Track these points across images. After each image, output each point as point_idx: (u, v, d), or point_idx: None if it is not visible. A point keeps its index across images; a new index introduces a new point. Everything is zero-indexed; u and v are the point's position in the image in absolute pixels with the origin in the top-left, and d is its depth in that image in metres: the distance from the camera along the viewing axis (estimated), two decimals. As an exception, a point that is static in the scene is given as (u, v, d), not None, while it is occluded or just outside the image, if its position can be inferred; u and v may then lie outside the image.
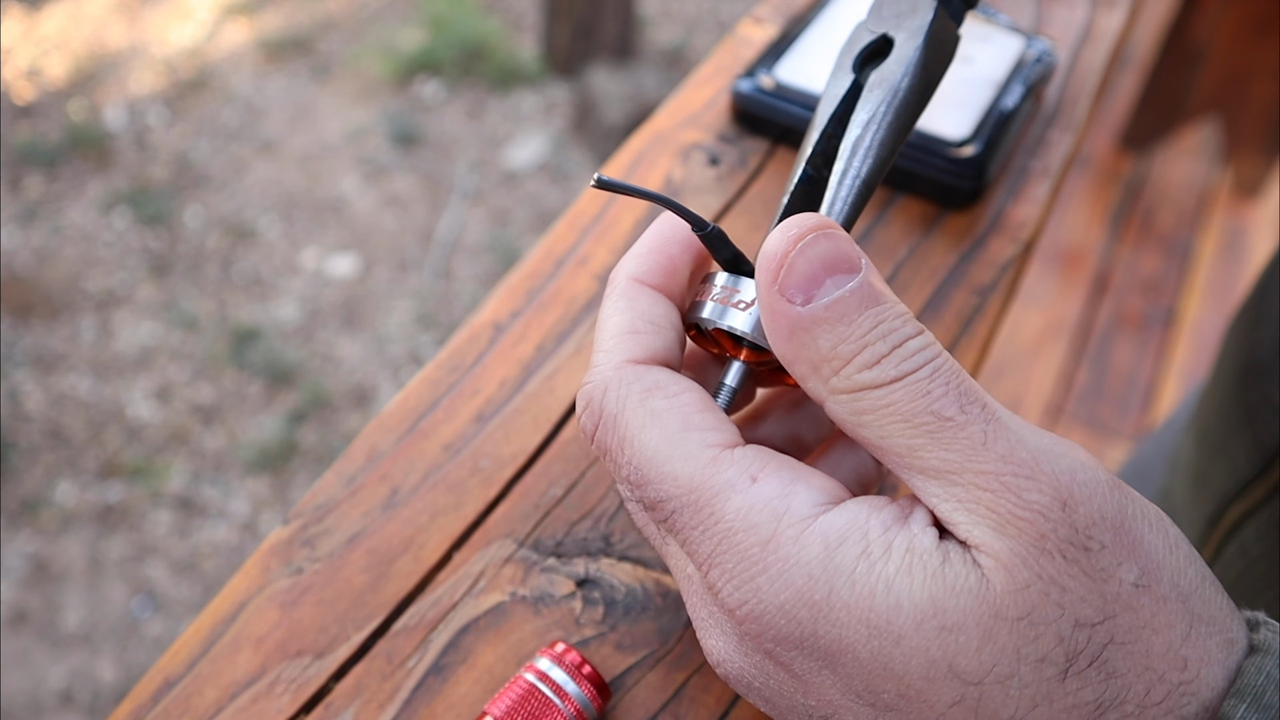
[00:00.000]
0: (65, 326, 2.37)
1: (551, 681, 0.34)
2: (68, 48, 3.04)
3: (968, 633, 0.24)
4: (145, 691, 0.36)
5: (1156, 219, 2.53)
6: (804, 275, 0.27)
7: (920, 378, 0.26)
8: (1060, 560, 0.25)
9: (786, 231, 0.28)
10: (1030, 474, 0.25)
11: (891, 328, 0.27)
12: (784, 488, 0.27)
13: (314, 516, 0.41)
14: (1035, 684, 0.24)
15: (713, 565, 0.27)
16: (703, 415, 0.29)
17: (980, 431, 0.26)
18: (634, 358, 0.31)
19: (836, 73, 0.38)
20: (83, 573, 1.99)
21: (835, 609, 0.25)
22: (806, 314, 0.27)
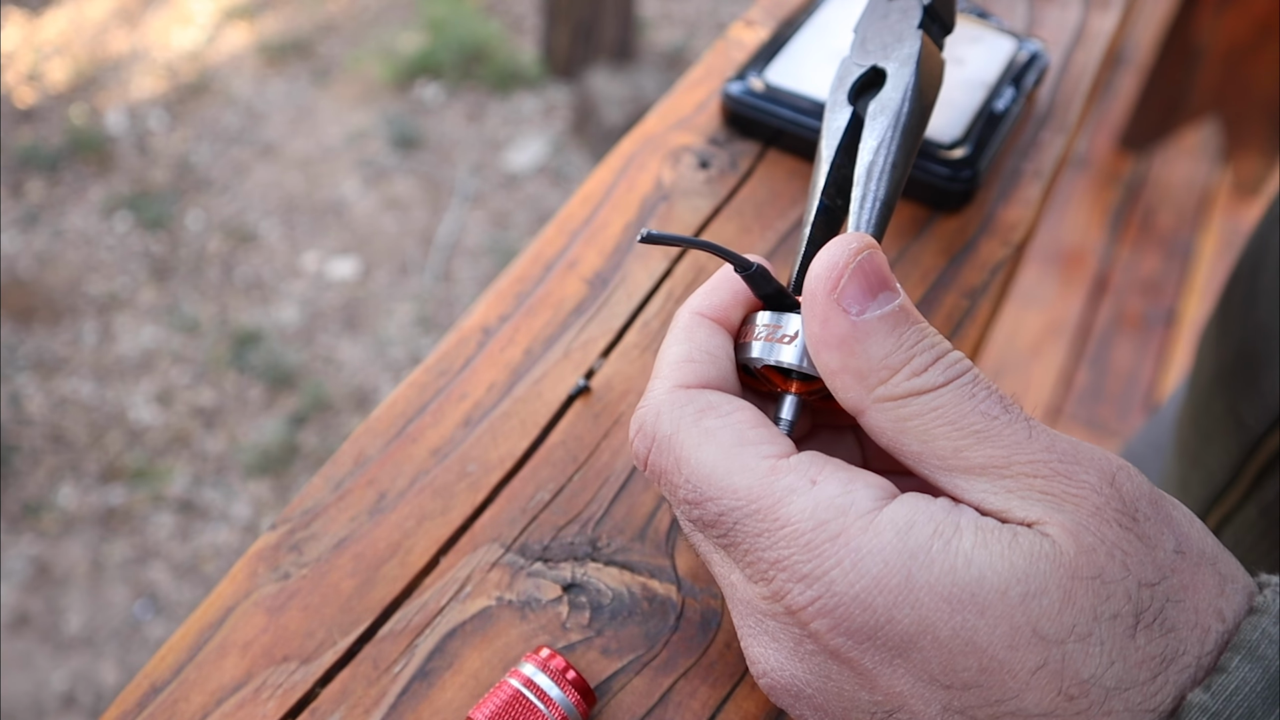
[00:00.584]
0: (67, 330, 2.37)
1: (536, 687, 0.34)
2: (69, 52, 3.05)
3: (1050, 595, 0.26)
4: (131, 697, 0.36)
5: (1156, 219, 2.52)
6: (860, 288, 0.29)
7: (965, 382, 0.28)
8: (1117, 528, 0.26)
9: (846, 245, 0.30)
10: (1075, 459, 0.27)
11: (933, 341, 0.29)
12: (845, 486, 0.28)
13: (301, 521, 0.41)
14: (1111, 640, 0.26)
15: (780, 569, 0.28)
16: (756, 431, 0.30)
17: (1025, 427, 0.28)
18: (687, 383, 0.32)
19: (833, 107, 0.40)
20: (85, 576, 1.99)
21: (916, 590, 0.26)
22: (861, 324, 0.29)
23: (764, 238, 0.52)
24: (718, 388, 0.33)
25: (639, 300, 0.49)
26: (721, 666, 0.37)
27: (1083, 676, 0.25)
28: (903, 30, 0.40)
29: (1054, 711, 0.26)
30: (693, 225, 0.52)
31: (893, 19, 0.41)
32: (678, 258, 0.51)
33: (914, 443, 0.28)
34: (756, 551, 0.28)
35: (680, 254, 0.51)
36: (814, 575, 0.27)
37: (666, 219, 0.52)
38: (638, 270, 0.50)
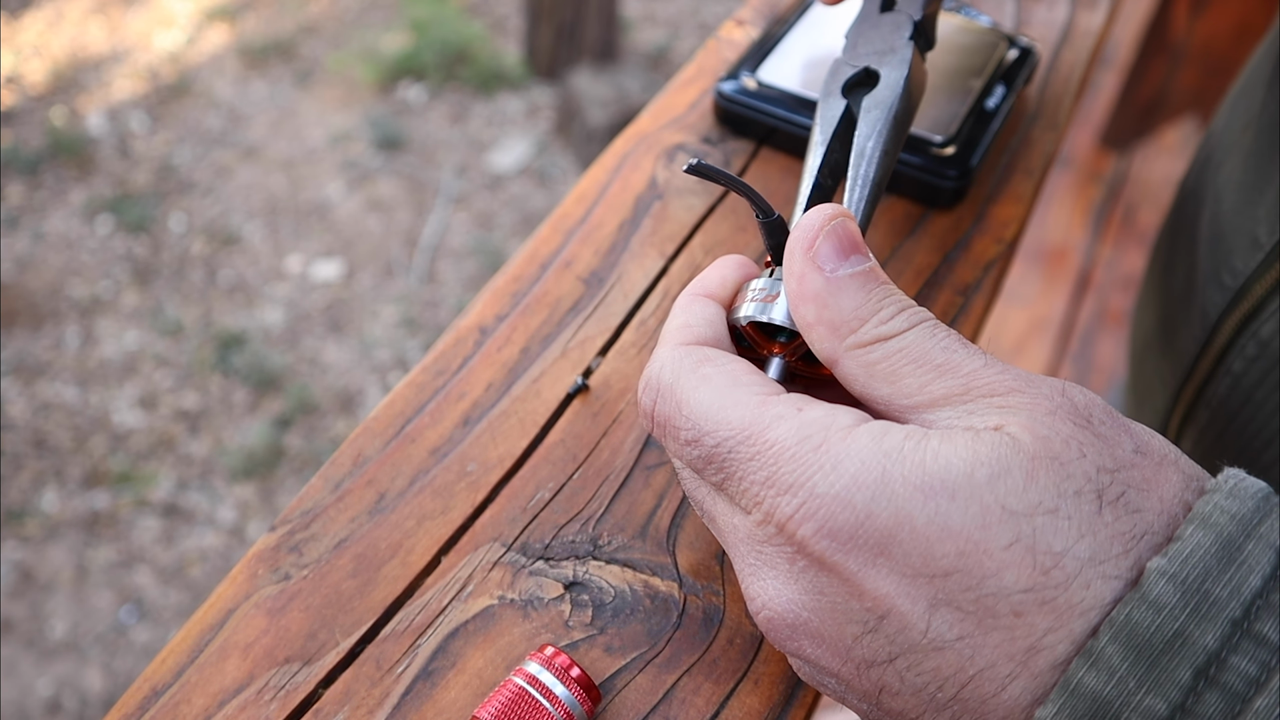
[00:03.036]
0: (49, 334, 2.36)
1: (541, 685, 0.34)
2: (48, 54, 3.03)
3: (1013, 475, 0.27)
4: (132, 701, 0.36)
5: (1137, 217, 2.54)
6: (834, 248, 0.33)
7: (927, 326, 0.31)
8: (1071, 424, 0.28)
9: (822, 211, 0.33)
10: (1028, 380, 0.30)
11: (898, 298, 0.32)
12: (829, 409, 0.31)
13: (301, 523, 0.41)
14: (1078, 515, 0.27)
15: (768, 486, 0.30)
16: (750, 375, 0.33)
17: (981, 358, 0.31)
18: (686, 342, 0.35)
19: (826, 99, 0.44)
20: (69, 581, 1.98)
21: (890, 483, 0.28)
22: (834, 280, 0.32)
23: (759, 236, 0.52)
24: (714, 345, 0.36)
25: (635, 299, 0.49)
26: (725, 663, 0.37)
27: (1055, 549, 0.27)
28: (895, 41, 0.45)
29: (1033, 586, 0.27)
30: (688, 224, 0.52)
31: (885, 29, 0.46)
32: (673, 256, 0.51)
33: (883, 385, 0.31)
34: (749, 476, 0.30)
35: (675, 253, 0.51)
36: (798, 483, 0.29)
37: (661, 218, 0.52)
38: (634, 269, 0.50)
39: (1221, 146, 0.59)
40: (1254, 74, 0.59)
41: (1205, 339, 0.54)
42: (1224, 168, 0.57)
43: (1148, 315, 0.67)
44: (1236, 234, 0.52)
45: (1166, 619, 0.26)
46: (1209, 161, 0.61)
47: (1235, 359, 0.51)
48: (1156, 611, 0.26)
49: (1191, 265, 0.58)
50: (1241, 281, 0.50)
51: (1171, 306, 0.61)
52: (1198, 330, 0.55)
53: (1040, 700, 0.27)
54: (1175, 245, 0.63)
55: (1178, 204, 0.66)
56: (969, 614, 0.27)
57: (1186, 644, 0.26)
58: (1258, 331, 0.49)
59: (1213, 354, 0.53)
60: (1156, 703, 0.25)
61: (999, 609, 0.27)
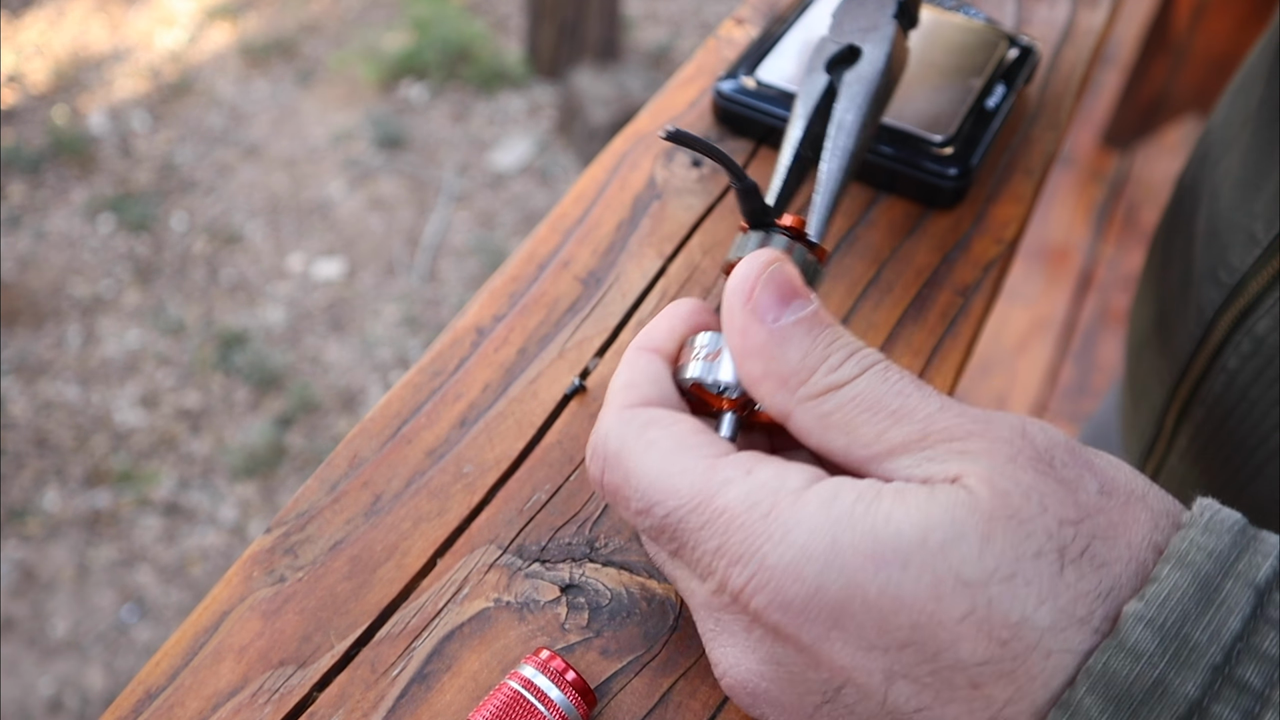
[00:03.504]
0: (50, 333, 2.36)
1: (536, 688, 0.34)
2: (50, 53, 3.03)
3: (967, 540, 0.26)
4: (126, 703, 0.36)
5: (1140, 216, 2.53)
6: (773, 297, 0.31)
7: (878, 370, 0.30)
8: (1032, 472, 0.27)
9: (756, 259, 0.32)
10: (987, 420, 0.29)
11: (846, 341, 0.31)
12: (779, 470, 0.29)
13: (296, 524, 0.40)
14: (1038, 579, 0.26)
15: (719, 556, 0.29)
16: (697, 437, 0.32)
17: (937, 400, 0.29)
18: (631, 404, 0.34)
19: (810, 74, 0.45)
20: (70, 580, 1.98)
21: (841, 553, 0.27)
22: (777, 330, 0.31)
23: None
24: (659, 405, 0.34)
25: (633, 299, 0.49)
26: (721, 666, 0.37)
27: (1012, 619, 0.26)
28: (879, 19, 0.46)
29: (989, 659, 0.26)
30: (686, 224, 0.52)
31: (870, 7, 0.47)
32: (671, 256, 0.51)
33: (839, 435, 0.30)
34: (701, 545, 0.29)
35: (674, 253, 0.51)
36: (748, 554, 0.28)
37: (660, 218, 0.52)
38: (632, 269, 0.50)
39: (1219, 142, 0.59)
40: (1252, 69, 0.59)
41: (1201, 335, 0.53)
42: (1221, 164, 0.57)
43: (1144, 312, 0.66)
44: (1233, 230, 0.52)
45: (1145, 667, 0.25)
46: (1206, 157, 0.61)
47: (1231, 356, 0.50)
48: (1135, 659, 0.25)
49: (1188, 261, 0.57)
50: (1238, 278, 0.50)
51: (1168, 303, 0.61)
52: (1193, 327, 0.54)
53: None
54: (1172, 241, 0.62)
55: (1175, 200, 0.66)
56: (926, 686, 0.26)
57: (1167, 693, 0.25)
58: (1253, 328, 0.49)
59: (1208, 350, 0.53)
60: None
61: (956, 681, 0.26)
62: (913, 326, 0.49)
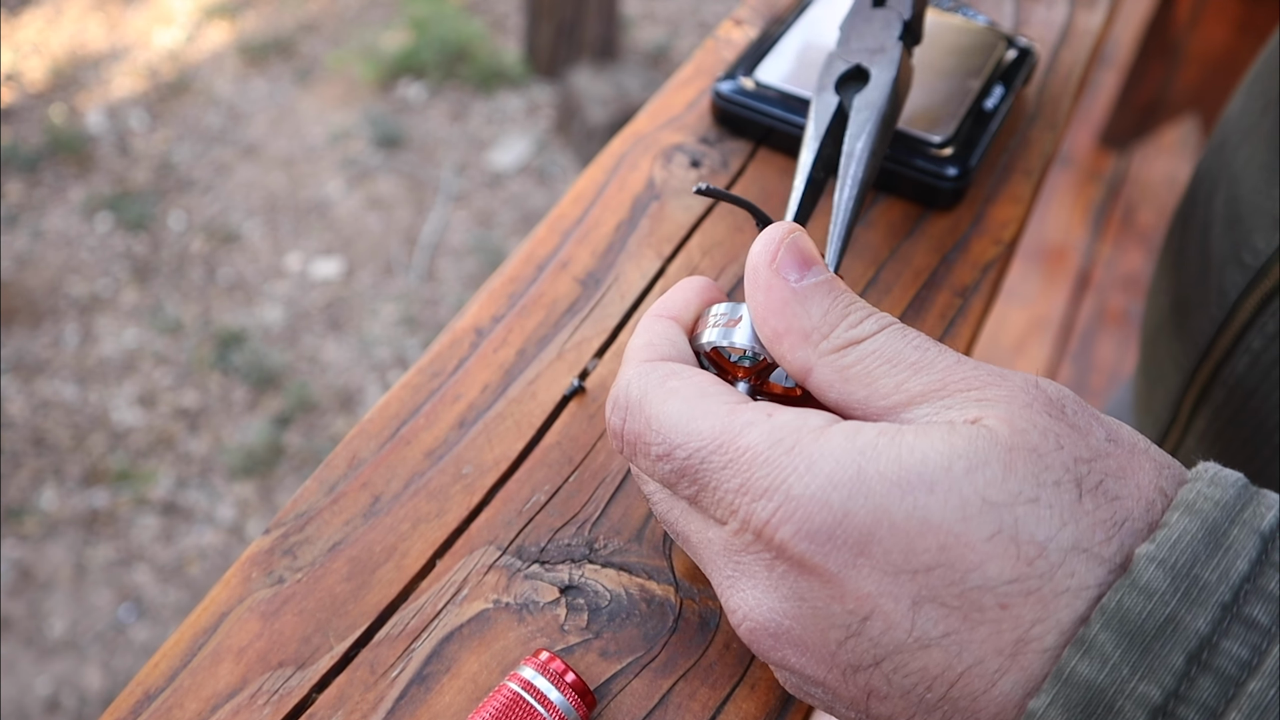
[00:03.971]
0: (48, 332, 2.36)
1: (536, 690, 0.34)
2: (48, 51, 3.02)
3: (991, 466, 0.27)
4: (125, 705, 0.36)
5: (1137, 216, 2.53)
6: (795, 259, 0.33)
7: (896, 328, 0.32)
8: (1046, 416, 0.28)
9: (778, 227, 0.34)
10: (1002, 375, 0.30)
11: (862, 304, 0.33)
12: (800, 413, 0.31)
13: (295, 525, 0.40)
14: (1059, 504, 0.27)
15: (743, 493, 0.30)
16: (717, 385, 0.33)
17: (954, 356, 0.31)
18: (650, 359, 0.35)
19: (820, 94, 0.47)
20: (68, 579, 1.98)
21: (867, 480, 0.28)
22: (800, 289, 0.33)
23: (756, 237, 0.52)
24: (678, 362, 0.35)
25: (632, 300, 0.49)
26: (721, 668, 0.37)
27: (1039, 538, 0.27)
28: (885, 40, 0.47)
29: (1017, 577, 0.27)
30: (685, 225, 0.52)
31: (876, 25, 0.48)
32: (670, 257, 0.51)
33: (859, 388, 0.31)
34: (724, 485, 0.30)
35: (672, 254, 0.51)
36: (773, 487, 0.29)
37: (658, 218, 0.52)
38: (630, 270, 0.50)
39: (1238, 130, 0.59)
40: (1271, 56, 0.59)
41: (1223, 318, 0.54)
42: (1241, 150, 0.57)
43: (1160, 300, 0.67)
44: (1257, 214, 0.52)
45: (1157, 604, 0.26)
46: (1224, 145, 0.61)
47: (1255, 337, 0.51)
48: (1147, 597, 0.26)
49: (1206, 248, 0.58)
50: (1263, 260, 0.51)
51: (1186, 289, 0.61)
52: (1215, 310, 0.55)
53: (1032, 693, 0.27)
54: (1188, 229, 0.63)
55: (1191, 190, 0.66)
56: (954, 609, 0.27)
57: (1178, 629, 0.25)
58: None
59: (1231, 333, 0.53)
60: (1150, 689, 0.25)
61: (984, 602, 0.27)
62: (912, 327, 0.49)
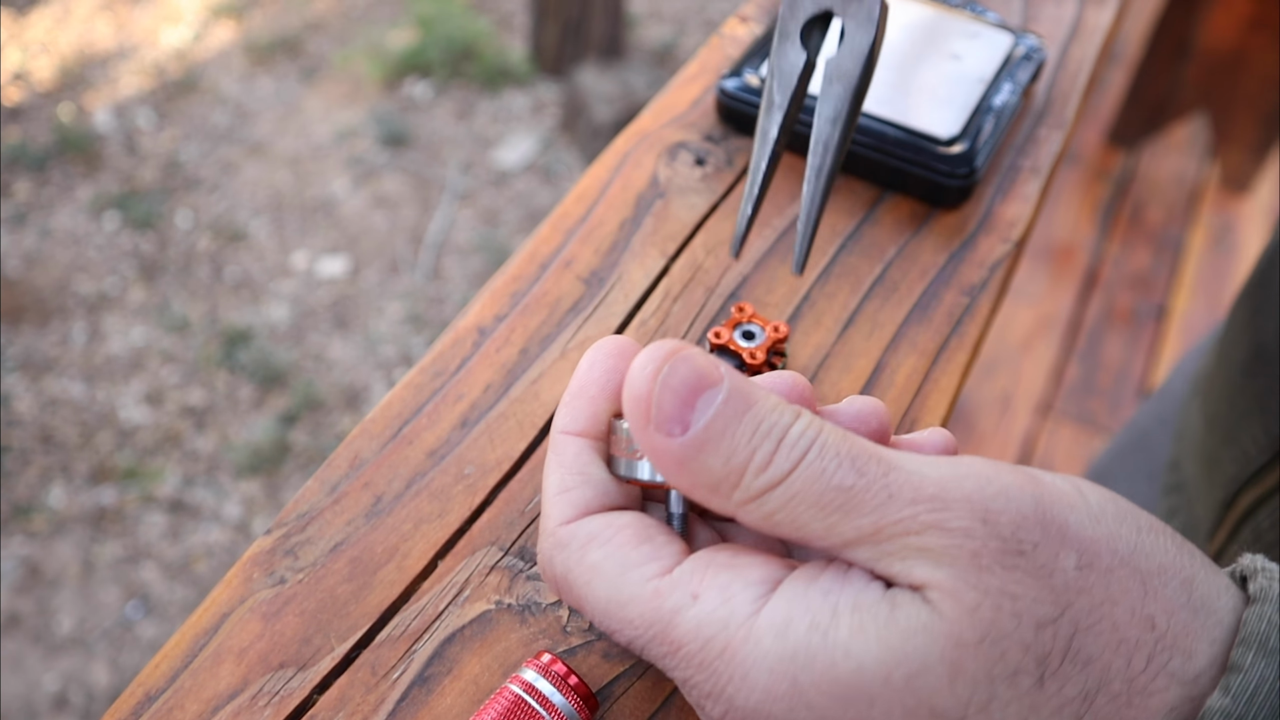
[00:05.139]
0: (56, 330, 2.36)
1: (537, 693, 0.34)
2: (56, 50, 3.03)
3: (934, 671, 0.24)
4: (126, 706, 0.35)
5: (1145, 215, 2.53)
6: (674, 407, 0.27)
7: (812, 459, 0.26)
8: (1000, 571, 0.25)
9: (642, 371, 0.28)
10: (942, 505, 0.25)
11: (771, 423, 0.27)
12: (723, 594, 0.28)
13: (296, 525, 0.40)
14: (1016, 699, 0.24)
15: (690, 687, 0.28)
16: (639, 550, 0.30)
17: (883, 487, 0.26)
18: (566, 518, 0.31)
19: (783, 42, 0.41)
20: (76, 576, 1.98)
21: (804, 693, 0.26)
22: (689, 442, 0.27)
23: (760, 234, 0.52)
24: (598, 508, 0.32)
25: (636, 299, 0.48)
26: (724, 670, 0.37)
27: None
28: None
29: None
30: (689, 223, 0.52)
31: None
32: (674, 255, 0.50)
33: (789, 531, 0.27)
34: (672, 671, 0.29)
35: (676, 252, 0.51)
36: (716, 693, 0.27)
37: (663, 216, 0.52)
38: (634, 269, 0.49)
39: None
40: None
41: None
42: None
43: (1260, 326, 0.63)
44: None
45: None
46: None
47: None
48: None
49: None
50: None
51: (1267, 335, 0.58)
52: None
53: None
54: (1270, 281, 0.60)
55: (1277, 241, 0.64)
56: None
57: None
58: None
59: None
60: None
61: None
62: (918, 326, 0.49)
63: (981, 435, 2.04)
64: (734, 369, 0.28)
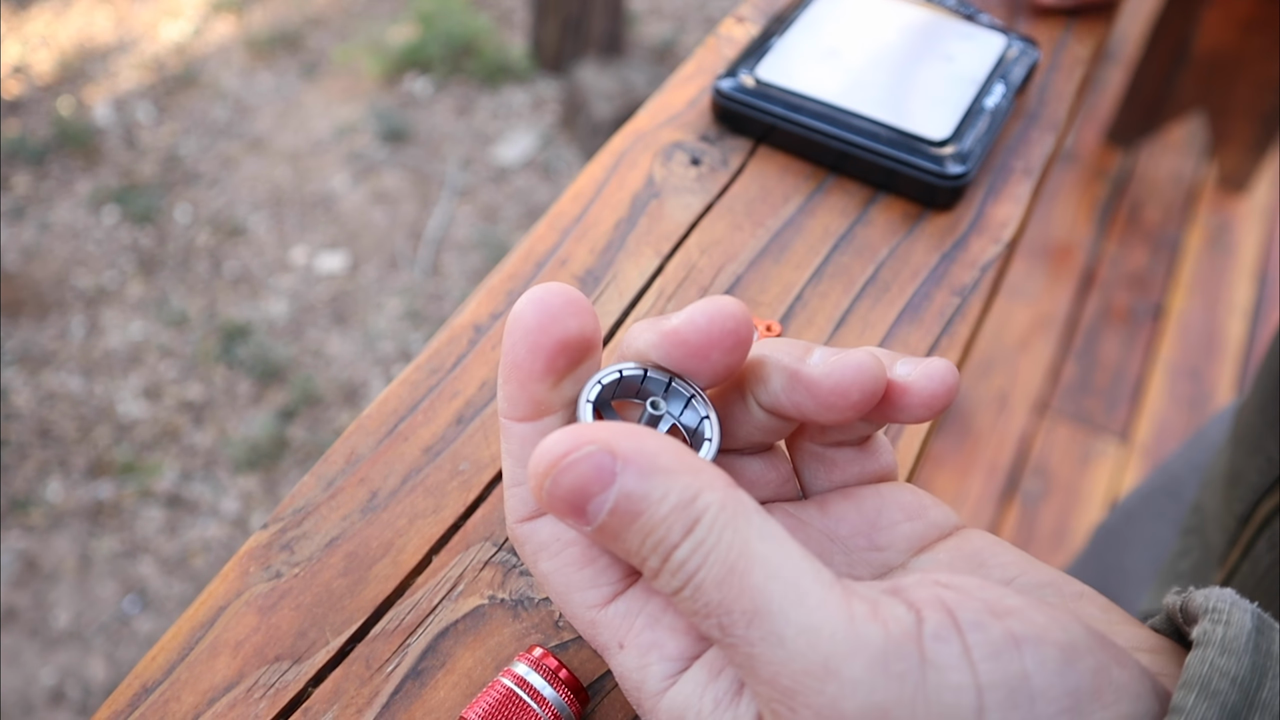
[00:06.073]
0: (54, 324, 2.36)
1: (529, 686, 0.34)
2: (55, 44, 3.03)
3: None
4: (122, 698, 0.36)
5: (1143, 214, 2.53)
6: (567, 509, 0.25)
7: (685, 598, 0.24)
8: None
9: (533, 479, 0.25)
10: (791, 706, 0.23)
11: (658, 540, 0.24)
12: (640, 659, 0.28)
13: (293, 520, 0.41)
14: None
15: None
16: (581, 573, 0.29)
17: (745, 655, 0.24)
18: (519, 516, 0.30)
19: None
20: (73, 570, 1.99)
21: None
22: (595, 535, 0.25)
23: (755, 235, 0.52)
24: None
25: (630, 298, 0.49)
26: (713, 665, 0.37)
27: None
28: None
29: None
30: (684, 223, 0.52)
31: None
32: (669, 255, 0.51)
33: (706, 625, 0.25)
34: None
35: (671, 252, 0.51)
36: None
37: (657, 216, 0.52)
38: (629, 268, 0.50)
39: None
40: None
41: None
42: None
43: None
44: None
45: None
46: None
47: None
48: None
49: None
50: None
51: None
52: None
53: None
54: None
55: None
56: None
57: None
58: None
59: None
60: None
61: None
62: (910, 326, 0.49)
63: (978, 434, 2.05)
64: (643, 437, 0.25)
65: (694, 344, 0.28)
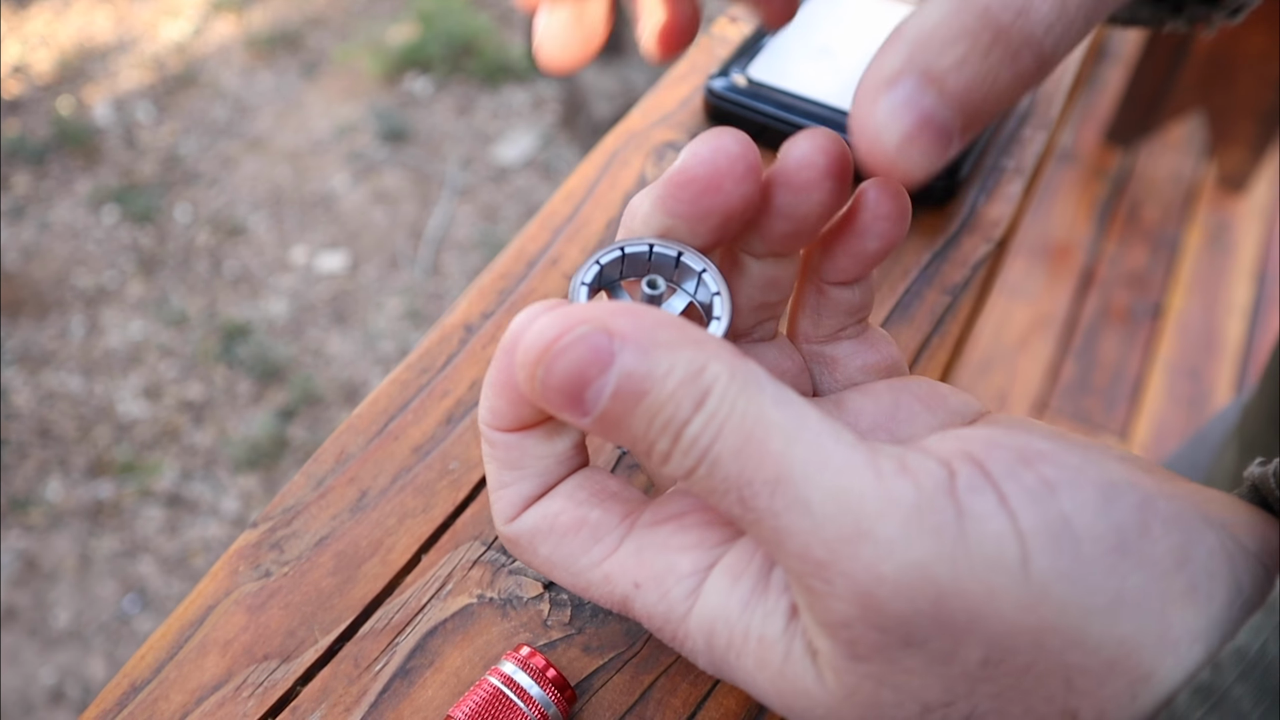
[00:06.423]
0: (54, 324, 2.37)
1: (516, 685, 0.34)
2: (55, 44, 3.03)
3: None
4: (110, 697, 0.36)
5: (1142, 213, 2.53)
6: (563, 399, 0.23)
7: (701, 476, 0.23)
8: (880, 663, 0.22)
9: (523, 370, 0.24)
10: (826, 578, 0.22)
11: (667, 418, 0.23)
12: (659, 589, 0.27)
13: (282, 519, 0.41)
14: None
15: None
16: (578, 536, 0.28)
17: (771, 529, 0.22)
18: (508, 516, 0.29)
19: None
20: (73, 570, 1.99)
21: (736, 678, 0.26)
22: (596, 425, 0.23)
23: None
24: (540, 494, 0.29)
25: (621, 297, 0.49)
26: (701, 663, 0.37)
27: None
28: None
29: None
30: (676, 222, 0.52)
31: None
32: (660, 255, 0.51)
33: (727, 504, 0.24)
34: None
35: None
36: None
37: (649, 216, 0.52)
38: (620, 267, 0.50)
39: None
40: None
41: None
42: None
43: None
44: None
45: None
46: None
47: None
48: None
49: None
50: None
51: None
52: None
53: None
54: None
55: None
56: None
57: None
58: None
59: None
60: None
61: None
62: (900, 324, 0.49)
63: (977, 433, 2.04)
64: (639, 314, 0.23)
65: (703, 178, 0.26)
